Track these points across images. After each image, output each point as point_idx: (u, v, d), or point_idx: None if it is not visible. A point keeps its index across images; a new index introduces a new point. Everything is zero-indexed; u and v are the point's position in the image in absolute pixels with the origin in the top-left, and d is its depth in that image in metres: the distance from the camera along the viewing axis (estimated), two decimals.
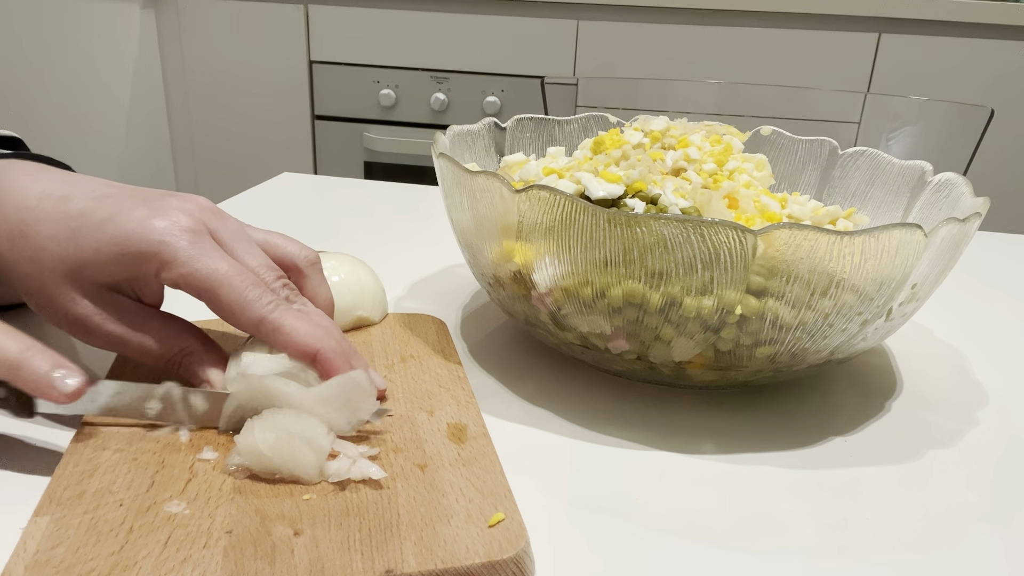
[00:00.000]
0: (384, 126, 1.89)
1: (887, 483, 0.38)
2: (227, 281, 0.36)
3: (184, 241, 0.36)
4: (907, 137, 1.13)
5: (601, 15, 1.73)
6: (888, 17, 1.63)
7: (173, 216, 0.36)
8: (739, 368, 0.40)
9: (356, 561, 0.28)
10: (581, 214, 0.37)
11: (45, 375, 0.33)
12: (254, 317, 0.36)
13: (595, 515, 0.35)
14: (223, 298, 0.36)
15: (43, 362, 0.33)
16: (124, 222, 0.36)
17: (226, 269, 0.36)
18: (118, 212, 0.36)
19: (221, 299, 0.36)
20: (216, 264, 0.36)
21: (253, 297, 0.36)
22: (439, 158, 0.45)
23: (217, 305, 0.36)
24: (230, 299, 0.36)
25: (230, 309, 0.36)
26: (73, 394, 0.33)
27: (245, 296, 0.36)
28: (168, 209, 0.37)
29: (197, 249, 0.36)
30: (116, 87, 1.90)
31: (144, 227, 0.36)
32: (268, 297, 0.37)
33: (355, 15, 1.81)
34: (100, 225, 0.36)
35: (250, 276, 0.37)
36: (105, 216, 0.36)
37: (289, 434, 0.33)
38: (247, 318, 0.36)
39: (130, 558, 0.28)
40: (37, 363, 0.33)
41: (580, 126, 0.60)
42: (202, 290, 0.36)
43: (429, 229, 0.72)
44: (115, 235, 0.36)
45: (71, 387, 0.33)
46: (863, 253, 0.36)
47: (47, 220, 0.36)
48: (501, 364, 0.47)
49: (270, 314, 0.36)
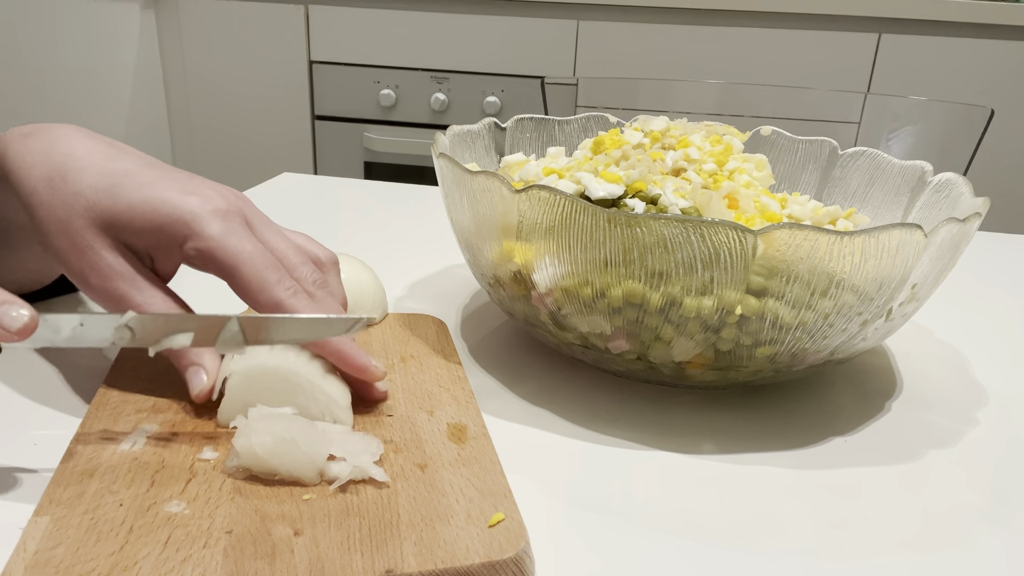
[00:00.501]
0: (384, 126, 1.89)
1: (887, 483, 0.38)
2: (251, 260, 0.37)
3: (217, 218, 0.37)
4: (907, 137, 1.13)
5: (601, 15, 1.73)
6: (888, 17, 1.63)
7: (209, 195, 0.38)
8: (739, 368, 0.40)
9: (356, 561, 0.28)
10: (581, 214, 0.37)
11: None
12: (272, 299, 0.37)
13: (595, 515, 0.35)
14: (244, 276, 0.37)
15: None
16: (164, 190, 0.37)
17: (251, 249, 0.37)
18: (160, 180, 0.38)
19: (242, 277, 0.37)
20: (243, 243, 0.37)
21: (273, 280, 0.37)
22: (439, 158, 0.45)
23: (237, 283, 0.37)
24: (250, 278, 0.37)
25: (249, 288, 0.37)
26: (23, 330, 0.31)
27: (266, 277, 0.37)
28: (206, 189, 0.38)
29: (227, 227, 0.37)
30: (116, 87, 1.90)
31: (181, 198, 0.37)
32: (288, 283, 0.37)
33: (355, 15, 1.81)
34: (140, 187, 0.37)
35: (272, 260, 0.38)
36: (147, 180, 0.38)
37: (285, 438, 0.32)
38: (265, 298, 0.37)
39: (130, 558, 0.28)
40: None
41: (580, 126, 0.60)
42: (225, 266, 0.37)
43: (429, 229, 0.72)
44: (152, 198, 0.37)
45: (20, 322, 0.31)
46: (863, 253, 0.36)
47: (91, 170, 0.38)
48: (501, 364, 0.47)
49: (288, 299, 0.37)
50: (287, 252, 0.39)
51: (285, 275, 0.38)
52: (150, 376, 0.40)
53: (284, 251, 0.39)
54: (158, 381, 0.40)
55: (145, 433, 0.36)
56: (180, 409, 0.38)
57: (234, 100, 1.94)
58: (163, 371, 0.41)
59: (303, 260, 0.40)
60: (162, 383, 0.40)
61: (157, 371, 0.40)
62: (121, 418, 0.37)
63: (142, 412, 0.37)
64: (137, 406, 0.38)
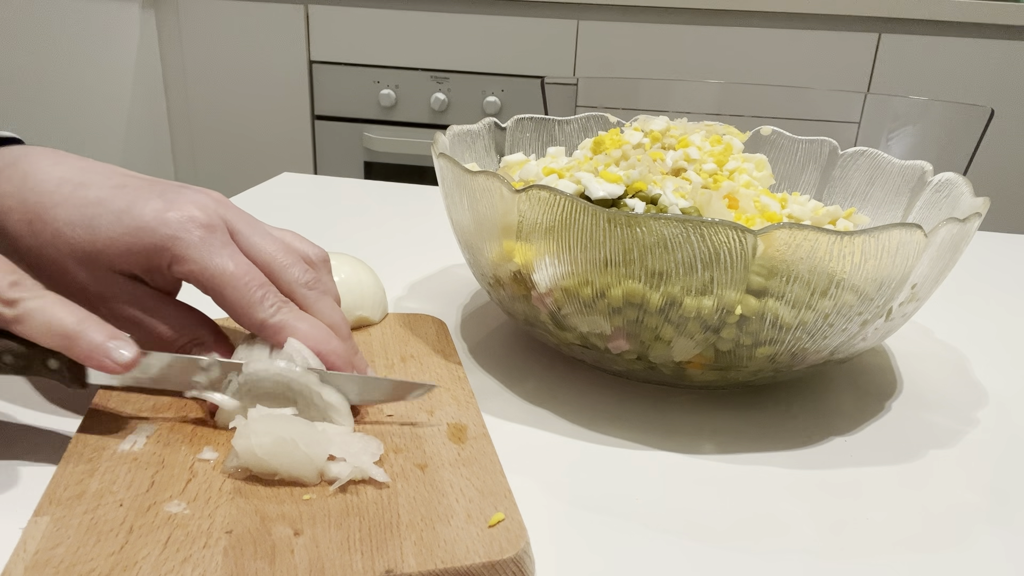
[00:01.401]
0: (384, 126, 1.89)
1: (887, 483, 0.38)
2: (233, 282, 0.36)
3: (196, 237, 0.36)
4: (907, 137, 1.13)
5: (601, 15, 1.73)
6: (888, 17, 1.63)
7: (188, 210, 0.37)
8: (739, 368, 0.40)
9: (356, 561, 0.28)
10: (581, 214, 0.37)
11: (100, 345, 0.33)
12: (256, 320, 0.37)
13: (595, 515, 0.35)
14: (228, 297, 0.37)
15: (98, 333, 0.33)
16: (140, 214, 0.36)
17: (233, 269, 0.37)
18: (134, 203, 0.37)
19: (227, 298, 0.37)
20: (225, 263, 0.37)
21: (256, 300, 0.37)
22: (439, 158, 0.45)
23: (223, 303, 0.37)
24: (235, 299, 0.37)
25: (234, 309, 0.37)
26: (128, 364, 0.34)
27: (249, 298, 0.37)
28: (183, 203, 0.37)
29: (208, 246, 0.37)
30: (116, 87, 1.90)
31: (159, 221, 0.36)
32: (272, 299, 0.37)
33: (355, 15, 1.81)
34: (117, 216, 0.37)
35: (257, 276, 0.37)
36: (122, 207, 0.37)
37: (284, 439, 0.32)
38: (250, 320, 0.37)
39: (130, 558, 0.28)
40: (93, 334, 0.33)
41: (580, 126, 0.60)
42: (209, 288, 0.37)
43: (429, 229, 0.72)
44: (130, 227, 0.36)
45: (126, 358, 0.34)
46: (863, 253, 0.36)
47: (64, 205, 0.37)
48: (501, 364, 0.47)
49: (271, 318, 0.37)
50: (276, 254, 0.39)
51: (270, 291, 0.37)
52: None
53: (272, 253, 0.39)
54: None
55: (145, 433, 0.36)
56: (180, 409, 0.38)
57: (234, 100, 1.94)
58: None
59: (293, 260, 0.39)
60: None
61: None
62: (121, 418, 0.37)
63: (142, 412, 0.37)
64: (137, 406, 0.38)
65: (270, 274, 0.39)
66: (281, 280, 0.39)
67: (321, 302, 0.39)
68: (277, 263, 0.39)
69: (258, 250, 0.39)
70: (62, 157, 0.39)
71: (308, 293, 0.39)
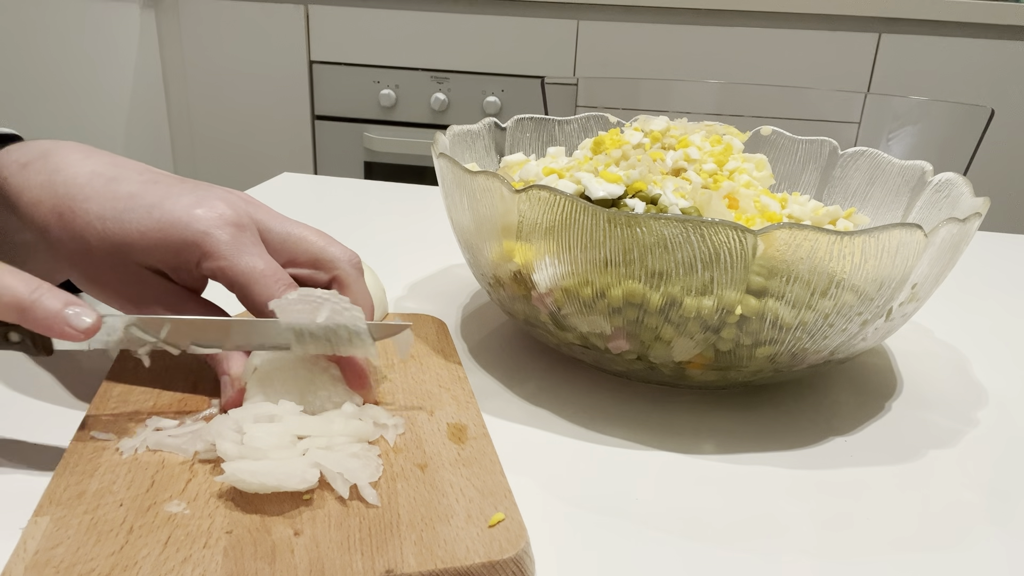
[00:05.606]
0: (384, 126, 1.89)
1: (887, 483, 0.38)
2: (263, 280, 0.37)
3: (227, 234, 0.37)
4: (907, 137, 1.13)
5: (601, 15, 1.72)
6: (888, 17, 1.63)
7: (219, 207, 0.37)
8: (739, 368, 0.40)
9: (356, 561, 0.28)
10: (581, 214, 0.37)
11: (58, 314, 0.32)
12: None
13: (595, 515, 0.35)
14: (255, 295, 0.37)
15: (54, 301, 0.32)
16: (171, 209, 0.37)
17: (263, 267, 0.37)
18: (166, 198, 0.37)
19: (253, 296, 0.37)
20: (255, 262, 0.37)
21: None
22: (439, 158, 0.45)
23: (249, 300, 0.37)
24: (263, 297, 0.37)
25: (260, 307, 0.37)
26: (89, 330, 0.33)
27: (275, 296, 0.37)
28: (214, 200, 0.38)
29: (238, 244, 0.37)
30: (116, 87, 1.90)
31: (190, 216, 0.37)
32: None
33: (355, 15, 1.81)
34: (148, 210, 0.37)
35: (284, 277, 0.37)
36: (153, 201, 0.37)
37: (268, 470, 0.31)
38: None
39: (130, 558, 0.28)
40: (48, 302, 0.32)
41: (580, 126, 0.60)
42: (237, 285, 0.37)
43: (429, 229, 0.72)
44: (161, 221, 0.36)
45: (87, 323, 0.33)
46: (863, 253, 0.36)
47: (96, 198, 0.37)
48: (501, 364, 0.47)
49: None
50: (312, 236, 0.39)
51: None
52: (151, 376, 0.40)
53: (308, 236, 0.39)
54: (158, 381, 0.40)
55: (145, 433, 0.36)
56: (180, 408, 0.38)
57: (234, 100, 1.94)
58: (163, 371, 0.41)
59: (332, 241, 0.40)
60: (162, 383, 0.40)
61: (158, 371, 0.40)
62: (121, 418, 0.37)
63: (142, 412, 0.37)
64: (137, 406, 0.38)
65: (310, 255, 0.39)
66: (323, 258, 0.39)
67: (359, 283, 0.40)
68: (317, 244, 0.39)
69: (297, 237, 0.39)
70: (92, 151, 0.40)
71: (351, 271, 0.40)
